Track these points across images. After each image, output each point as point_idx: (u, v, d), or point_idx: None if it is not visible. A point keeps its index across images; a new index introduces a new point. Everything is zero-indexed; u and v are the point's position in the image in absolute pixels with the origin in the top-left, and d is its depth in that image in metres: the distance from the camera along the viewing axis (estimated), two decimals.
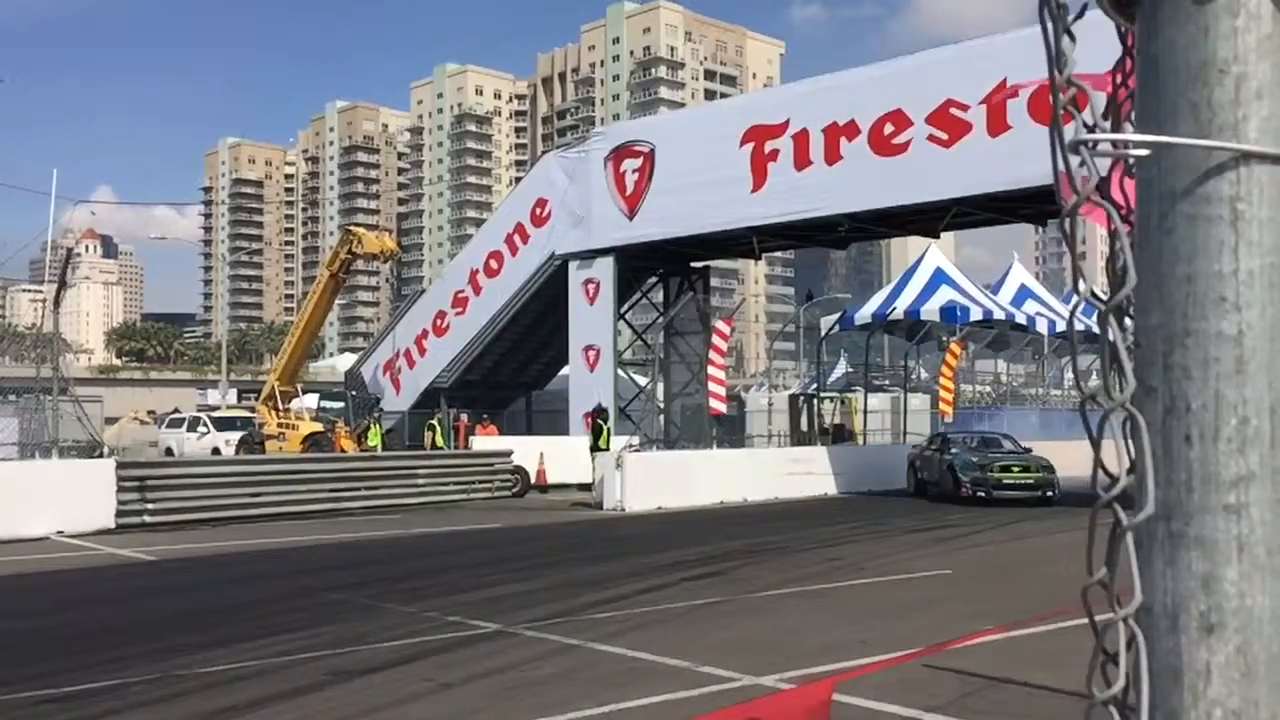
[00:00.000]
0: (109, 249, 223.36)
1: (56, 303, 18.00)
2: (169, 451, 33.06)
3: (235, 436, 31.89)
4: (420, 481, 21.08)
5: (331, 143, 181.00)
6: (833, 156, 24.37)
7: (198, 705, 6.26)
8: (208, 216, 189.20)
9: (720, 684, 6.66)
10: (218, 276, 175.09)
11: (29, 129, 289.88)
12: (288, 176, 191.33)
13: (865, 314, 31.61)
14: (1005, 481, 20.04)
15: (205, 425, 34.24)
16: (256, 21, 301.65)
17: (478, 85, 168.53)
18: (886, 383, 40.93)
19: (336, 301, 36.03)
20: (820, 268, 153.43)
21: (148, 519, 16.15)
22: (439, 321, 32.47)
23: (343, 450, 26.61)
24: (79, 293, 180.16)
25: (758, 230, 26.59)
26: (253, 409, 36.21)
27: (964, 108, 22.19)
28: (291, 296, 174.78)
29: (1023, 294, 35.54)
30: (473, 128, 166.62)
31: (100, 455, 17.66)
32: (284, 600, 10.10)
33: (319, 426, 29.89)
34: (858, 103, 23.94)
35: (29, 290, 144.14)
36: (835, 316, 35.06)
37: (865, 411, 31.60)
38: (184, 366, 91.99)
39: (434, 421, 28.59)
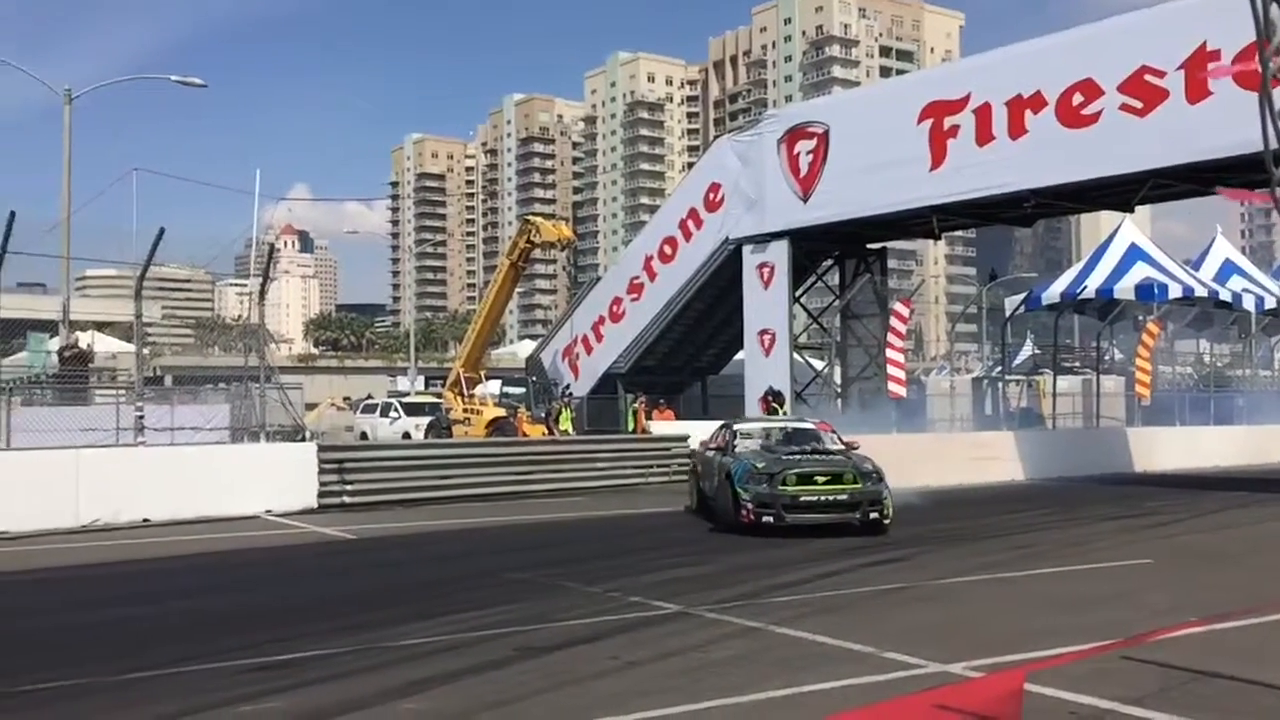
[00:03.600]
0: (306, 244, 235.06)
1: (262, 296, 19.09)
2: (363, 436, 34.65)
3: (424, 421, 33.16)
4: (600, 465, 21.46)
5: (509, 135, 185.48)
6: (1017, 130, 23.49)
7: (399, 675, 6.59)
8: (395, 210, 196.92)
9: (905, 670, 6.58)
10: (404, 268, 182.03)
11: (232, 131, 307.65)
12: (468, 169, 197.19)
13: (1053, 293, 30.38)
14: (803, 499, 13.09)
15: (396, 411, 35.68)
16: (438, 20, 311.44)
17: (649, 72, 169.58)
18: (1077, 365, 39.29)
19: (516, 290, 36.98)
20: (1004, 246, 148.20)
21: (346, 499, 16.99)
22: (615, 308, 32.91)
23: (525, 435, 27.32)
24: (279, 286, 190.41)
25: (937, 209, 25.87)
26: (440, 395, 37.55)
27: (1160, 74, 21.02)
28: (473, 286, 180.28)
29: (1227, 269, 33.45)
30: (645, 115, 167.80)
31: (303, 439, 18.66)
32: (474, 578, 10.49)
33: (503, 412, 30.78)
34: (1043, 73, 22.99)
35: (235, 285, 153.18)
36: (1020, 296, 33.84)
37: (1054, 395, 30.42)
38: (375, 355, 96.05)
39: (635, 406, 28.87)
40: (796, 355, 29.80)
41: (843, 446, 14.77)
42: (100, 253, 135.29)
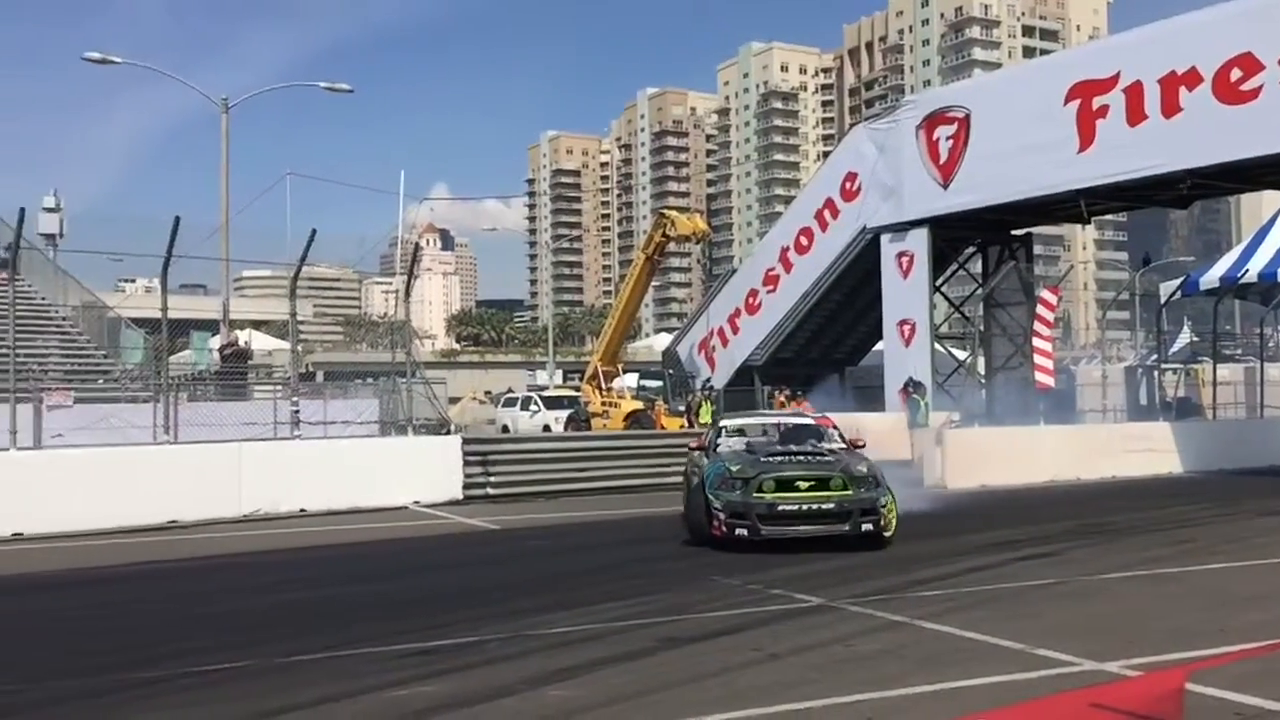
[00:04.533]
0: (447, 242, 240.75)
1: (407, 293, 19.66)
2: (505, 429, 35.36)
3: (563, 414, 33.64)
4: None
5: (643, 129, 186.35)
6: (1171, 109, 22.53)
7: (545, 663, 6.74)
8: (531, 207, 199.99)
9: (1058, 668, 6.40)
10: (541, 264, 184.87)
11: (377, 133, 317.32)
12: (603, 165, 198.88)
13: (1212, 278, 28.91)
14: (781, 509, 11.02)
15: (536, 404, 36.29)
16: (572, 18, 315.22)
17: (783, 62, 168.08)
18: (1239, 352, 37.38)
19: (651, 283, 37.18)
20: (1158, 230, 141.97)
21: (490, 491, 17.39)
22: (751, 300, 32.79)
23: (663, 428, 27.47)
24: (422, 283, 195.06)
25: (1085, 193, 25.00)
26: (578, 388, 38.06)
27: None
28: (609, 280, 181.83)
29: None
30: (779, 105, 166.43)
31: (448, 433, 19.15)
32: (615, 568, 10.63)
33: (640, 404, 31.00)
34: (1198, 49, 21.97)
35: (380, 282, 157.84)
36: (1177, 282, 32.27)
37: (1214, 384, 29.03)
38: (514, 349, 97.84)
39: (787, 397, 28.68)
40: (938, 345, 29.19)
41: (844, 444, 12.87)
42: (256, 254, 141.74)
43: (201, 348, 31.86)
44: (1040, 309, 24.05)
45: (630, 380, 35.30)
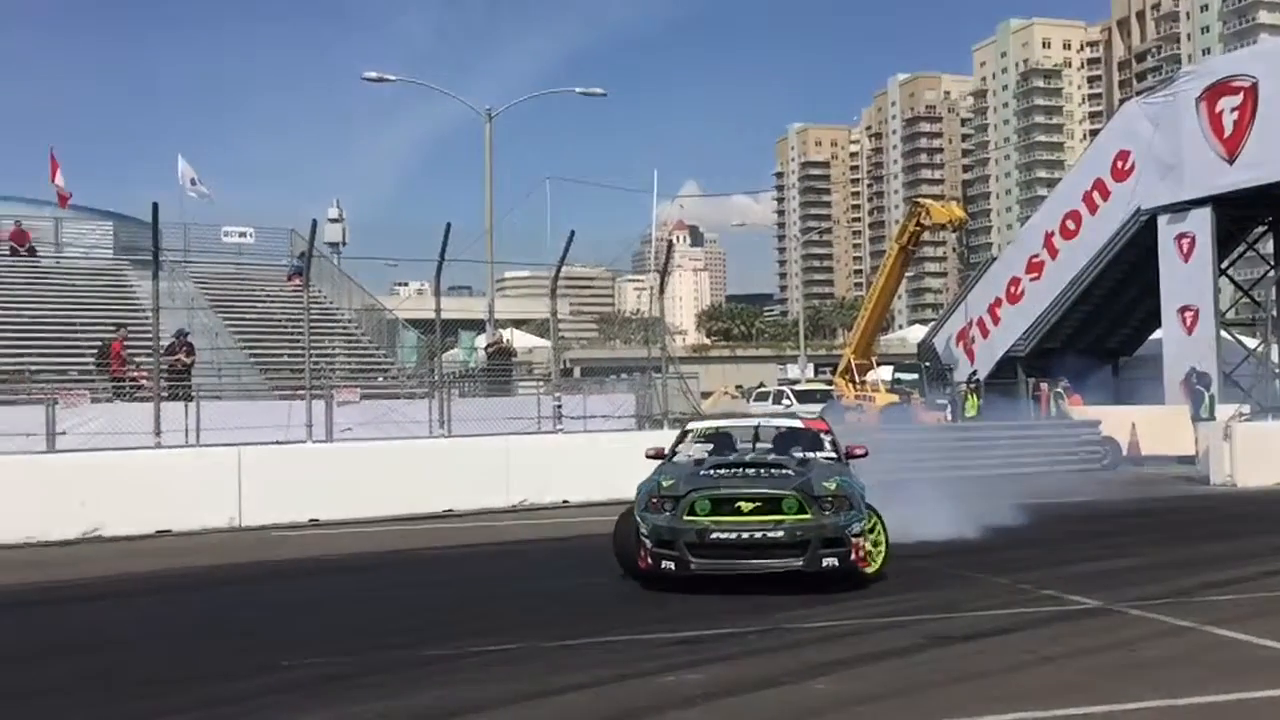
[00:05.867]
0: (696, 238, 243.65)
1: (661, 290, 20.05)
2: None
3: (816, 409, 33.36)
4: (999, 452, 20.62)
5: (894, 116, 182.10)
6: None
7: (807, 656, 6.74)
8: (780, 201, 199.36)
9: None
10: (791, 257, 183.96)
11: (628, 134, 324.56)
12: (852, 155, 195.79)
13: None
14: (715, 537, 8.69)
15: (788, 398, 36.20)
16: (818, 7, 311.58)
17: (1044, 38, 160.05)
18: None
19: (905, 274, 36.34)
20: None
21: None
22: (1012, 288, 31.46)
23: (920, 422, 26.78)
24: (673, 279, 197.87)
25: None
26: (830, 382, 37.67)
27: None
28: (860, 272, 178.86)
29: None
30: (1040, 83, 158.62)
31: None
32: None
33: (896, 398, 30.37)
34: None
35: (633, 280, 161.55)
36: None
37: None
38: (764, 344, 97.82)
39: (1060, 389, 27.43)
40: (1224, 333, 27.05)
41: (835, 455, 10.18)
42: (517, 256, 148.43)
43: (469, 346, 33.70)
44: None
45: (885, 373, 34.61)
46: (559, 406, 18.05)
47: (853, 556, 8.75)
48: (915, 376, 33.14)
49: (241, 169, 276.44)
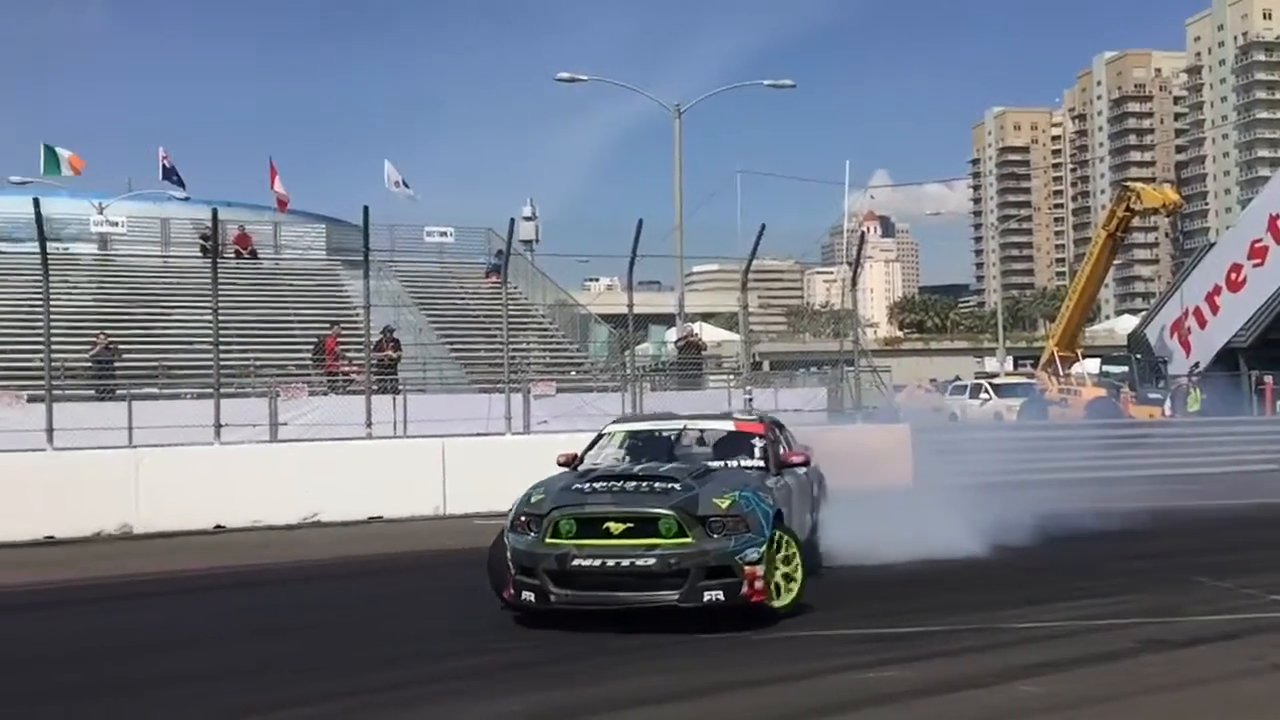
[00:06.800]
0: (887, 229, 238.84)
1: (854, 282, 19.81)
2: (953, 417, 34.50)
3: (1016, 403, 32.22)
4: (1218, 450, 19.48)
5: (1099, 97, 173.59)
6: None
7: (1013, 657, 6.56)
8: (976, 188, 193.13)
9: None
10: (987, 246, 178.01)
11: (818, 125, 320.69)
12: (1054, 138, 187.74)
13: None
14: (577, 564, 7.34)
15: (986, 392, 35.13)
16: None
17: (1265, 9, 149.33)
18: None
19: (1113, 262, 34.67)
20: None
21: (949, 481, 17.05)
22: (1233, 275, 29.56)
23: (1130, 417, 25.52)
24: (864, 271, 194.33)
25: None
26: (1031, 375, 36.34)
27: None
28: (1062, 260, 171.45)
29: None
30: (1261, 57, 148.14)
31: (896, 421, 19.05)
32: (1087, 565, 9.96)
33: (1103, 391, 29.04)
34: None
35: (822, 272, 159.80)
36: None
37: None
38: (960, 336, 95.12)
39: (1194, 390, 25.85)
40: None
41: (763, 464, 8.75)
42: (705, 250, 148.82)
43: (659, 340, 34.07)
44: None
45: (1091, 366, 33.11)
46: (750, 400, 18.03)
47: (745, 589, 7.26)
48: (1125, 369, 31.58)
49: (439, 171, 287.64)
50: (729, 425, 9.65)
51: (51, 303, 14.55)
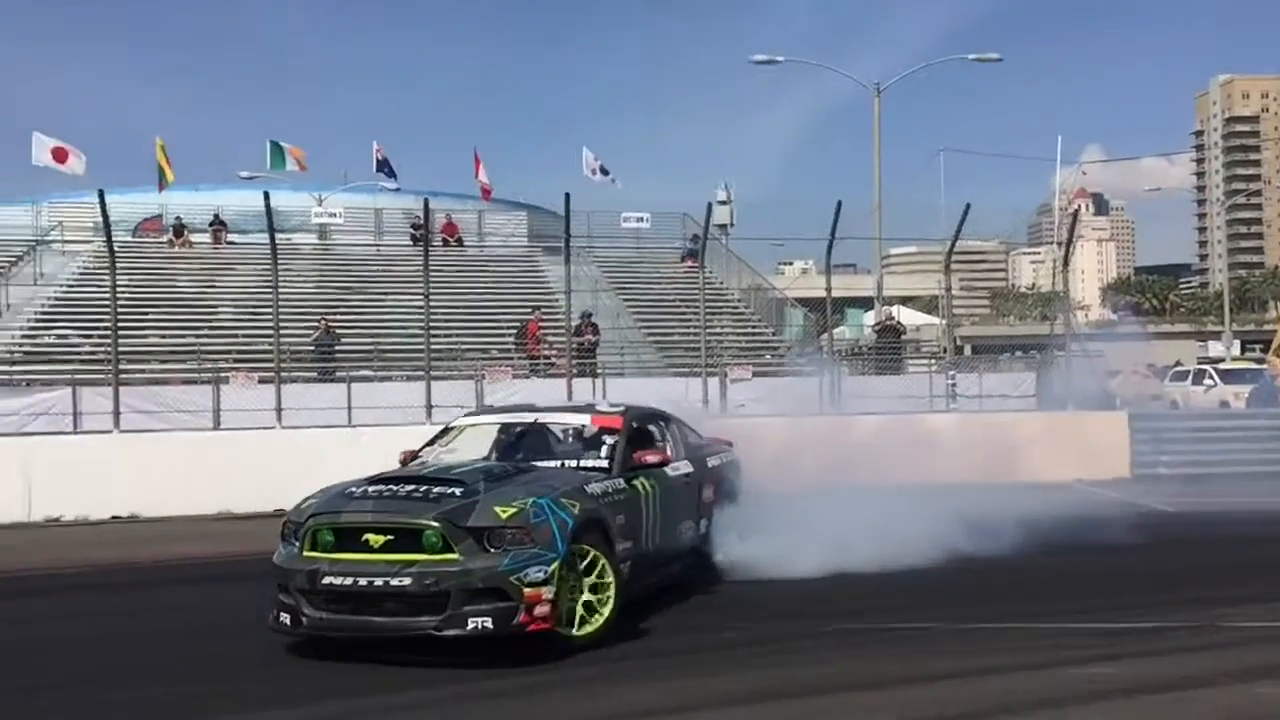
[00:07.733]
0: (1100, 206, 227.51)
1: (1065, 263, 18.95)
2: (1173, 404, 32.64)
3: (1244, 389, 30.20)
4: None
5: None
6: None
7: (1242, 658, 6.20)
8: (1199, 161, 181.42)
9: None
10: (1212, 224, 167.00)
11: (1025, 100, 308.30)
12: None
13: None
14: (328, 582, 6.28)
15: (1211, 378, 33.10)
16: None
17: None
18: None
19: None
20: None
21: (1162, 470, 16.17)
22: None
23: None
24: (1076, 251, 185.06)
25: None
26: (1261, 360, 34.01)
27: None
28: None
29: None
30: None
31: (1111, 407, 18.17)
32: None
33: None
34: None
35: (1028, 253, 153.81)
36: None
37: None
38: (1180, 318, 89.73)
39: None
40: None
41: (606, 466, 7.55)
42: (904, 232, 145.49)
43: (856, 324, 33.52)
44: None
45: None
46: (953, 385, 17.51)
47: (520, 617, 6.15)
48: None
49: (636, 156, 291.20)
50: (585, 419, 8.33)
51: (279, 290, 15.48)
